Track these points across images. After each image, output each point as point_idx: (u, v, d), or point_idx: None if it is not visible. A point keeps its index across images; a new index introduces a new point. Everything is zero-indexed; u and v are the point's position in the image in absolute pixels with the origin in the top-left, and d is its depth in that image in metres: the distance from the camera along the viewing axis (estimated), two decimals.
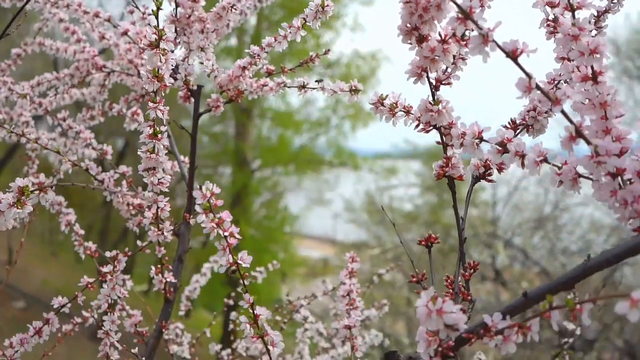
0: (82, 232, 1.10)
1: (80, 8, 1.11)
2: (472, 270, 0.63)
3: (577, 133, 0.52)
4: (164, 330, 1.00)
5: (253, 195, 10.92)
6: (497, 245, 5.61)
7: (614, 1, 0.73)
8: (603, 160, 0.50)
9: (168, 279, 0.97)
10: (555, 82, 0.70)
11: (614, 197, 0.51)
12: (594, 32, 0.74)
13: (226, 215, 0.63)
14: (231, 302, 1.54)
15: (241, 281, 0.66)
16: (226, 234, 0.63)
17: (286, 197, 11.68)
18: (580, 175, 0.55)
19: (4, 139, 1.27)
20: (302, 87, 0.95)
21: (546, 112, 0.68)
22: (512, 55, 0.51)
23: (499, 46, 0.51)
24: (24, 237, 1.17)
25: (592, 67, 0.54)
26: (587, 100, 0.56)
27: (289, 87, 0.98)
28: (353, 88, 0.84)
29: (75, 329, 1.16)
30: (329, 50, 1.01)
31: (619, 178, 0.53)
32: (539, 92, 0.54)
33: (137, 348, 0.94)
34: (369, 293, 1.93)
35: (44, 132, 1.23)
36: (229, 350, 1.34)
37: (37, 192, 0.66)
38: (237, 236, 0.64)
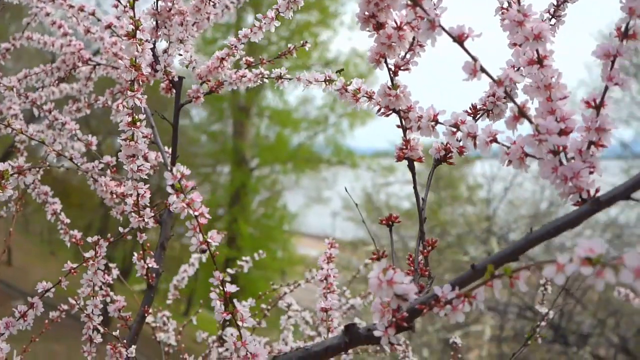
0: (67, 220, 1.13)
1: (65, 2, 1.14)
2: (430, 248, 0.66)
3: (521, 113, 0.55)
4: (146, 314, 1.03)
5: (252, 194, 10.96)
6: (492, 241, 5.65)
7: None
8: (544, 138, 0.53)
9: (150, 265, 1.00)
10: (515, 68, 0.73)
11: (555, 174, 0.54)
12: (553, 21, 0.77)
13: (196, 196, 0.66)
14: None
15: (212, 260, 0.69)
16: (197, 213, 0.66)
17: (285, 196, 11.73)
18: (527, 155, 0.58)
19: None
20: (279, 77, 0.98)
21: (505, 98, 0.71)
22: (459, 39, 0.54)
23: (445, 31, 0.53)
24: (12, 227, 1.20)
25: (537, 51, 0.57)
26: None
27: (267, 78, 1.01)
28: (327, 78, 0.87)
29: (62, 316, 1.19)
30: (306, 42, 1.04)
31: (561, 155, 0.56)
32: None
33: (117, 331, 0.97)
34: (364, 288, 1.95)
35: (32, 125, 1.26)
36: (214, 337, 1.38)
37: (16, 175, 0.69)
38: (207, 216, 0.67)
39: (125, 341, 0.96)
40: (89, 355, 0.97)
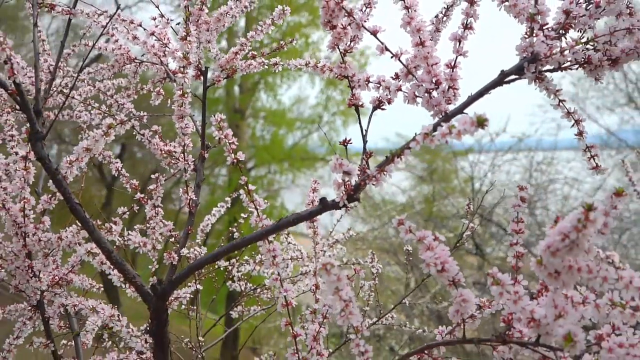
0: (127, 174, 1.58)
1: (119, 17, 1.59)
2: (369, 155, 1.11)
3: (408, 72, 1.00)
4: (189, 232, 1.47)
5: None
6: (475, 220, 6.12)
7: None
8: (420, 84, 0.99)
9: (191, 197, 1.45)
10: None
11: (428, 104, 1.00)
12: (444, 18, 1.22)
13: (230, 132, 1.11)
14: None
15: (240, 169, 1.14)
16: (230, 141, 1.11)
17: (282, 195, 12.14)
18: (416, 95, 1.03)
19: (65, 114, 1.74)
20: (276, 64, 1.44)
21: (414, 69, 1.16)
22: (373, 33, 0.99)
23: (365, 28, 0.99)
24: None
25: (419, 37, 1.03)
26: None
27: (267, 65, 1.46)
28: (307, 62, 1.33)
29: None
30: (294, 39, 1.50)
31: (434, 94, 1.01)
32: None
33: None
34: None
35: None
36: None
37: (119, 124, 1.14)
38: (236, 143, 1.12)
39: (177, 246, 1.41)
40: (151, 254, 1.42)
